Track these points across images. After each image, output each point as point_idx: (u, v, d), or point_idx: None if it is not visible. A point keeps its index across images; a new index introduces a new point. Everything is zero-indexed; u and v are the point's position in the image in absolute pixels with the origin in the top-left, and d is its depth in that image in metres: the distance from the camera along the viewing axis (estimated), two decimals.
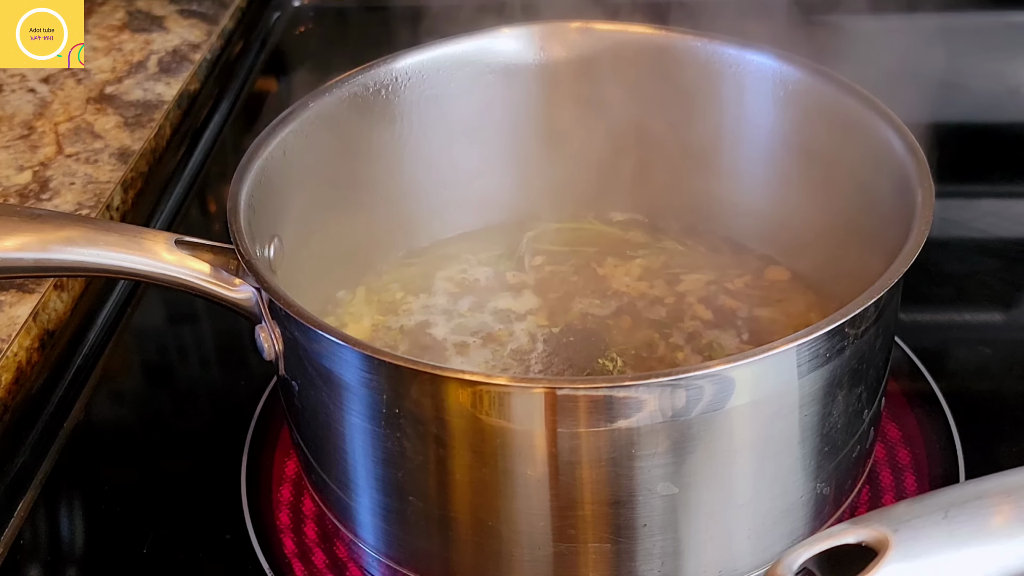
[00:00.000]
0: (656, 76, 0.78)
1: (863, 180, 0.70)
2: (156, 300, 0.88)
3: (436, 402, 0.57)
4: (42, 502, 0.74)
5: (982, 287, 0.87)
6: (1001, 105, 1.07)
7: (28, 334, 0.81)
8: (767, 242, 0.80)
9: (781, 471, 0.61)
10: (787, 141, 0.76)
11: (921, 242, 0.60)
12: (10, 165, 0.96)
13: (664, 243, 0.81)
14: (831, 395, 0.60)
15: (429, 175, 0.80)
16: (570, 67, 0.79)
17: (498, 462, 0.58)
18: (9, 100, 1.03)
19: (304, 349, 0.61)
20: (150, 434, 0.80)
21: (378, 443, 0.61)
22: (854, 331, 0.59)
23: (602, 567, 0.60)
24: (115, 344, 0.85)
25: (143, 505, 0.73)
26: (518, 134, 0.81)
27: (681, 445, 0.57)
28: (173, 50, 1.11)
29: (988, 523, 0.49)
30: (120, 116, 1.02)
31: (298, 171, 0.72)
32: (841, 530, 0.49)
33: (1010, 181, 0.99)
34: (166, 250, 0.65)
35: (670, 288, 0.78)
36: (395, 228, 0.80)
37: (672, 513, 0.59)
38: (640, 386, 0.55)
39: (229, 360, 0.86)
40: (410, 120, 0.78)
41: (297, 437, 0.68)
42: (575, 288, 0.78)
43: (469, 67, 0.78)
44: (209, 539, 0.71)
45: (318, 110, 0.73)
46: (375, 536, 0.65)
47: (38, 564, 0.71)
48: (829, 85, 0.72)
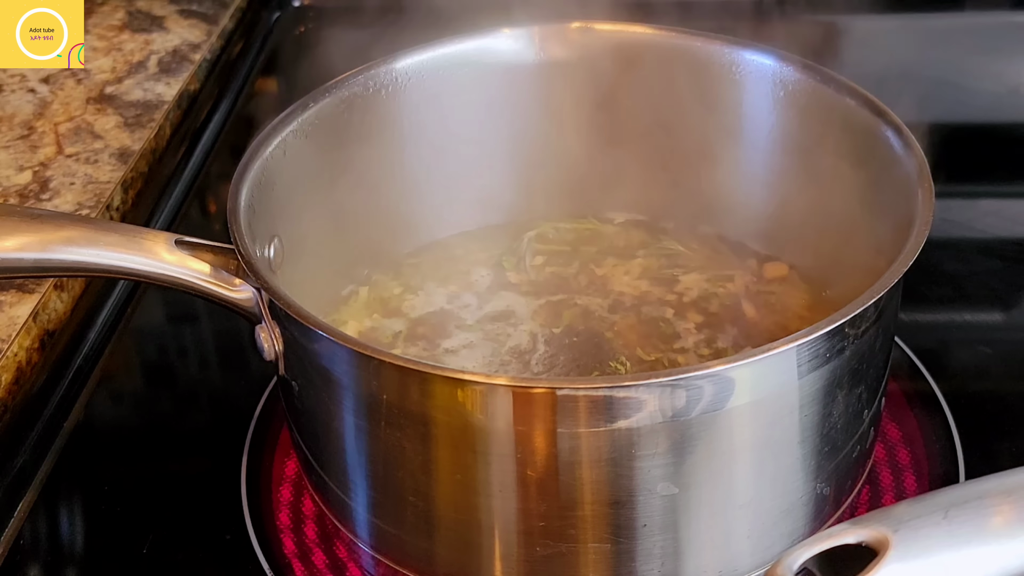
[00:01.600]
0: (656, 76, 0.78)
1: (863, 180, 0.70)
2: (156, 300, 0.88)
3: (436, 402, 0.57)
4: (42, 502, 0.74)
5: (982, 287, 0.87)
6: (1001, 105, 1.07)
7: (28, 334, 0.81)
8: (767, 242, 0.80)
9: (781, 471, 0.61)
10: (787, 141, 0.76)
11: (921, 242, 0.60)
12: (10, 165, 0.96)
13: (664, 243, 0.81)
14: (831, 395, 0.60)
15: (429, 175, 0.80)
16: (570, 67, 0.79)
17: (498, 462, 0.58)
18: (9, 100, 1.03)
19: (304, 349, 0.61)
20: (150, 434, 0.80)
21: (378, 443, 0.61)
22: (854, 331, 0.59)
23: (602, 567, 0.60)
24: (115, 344, 0.85)
25: (143, 505, 0.73)
26: (518, 134, 0.81)
27: (681, 445, 0.57)
28: (173, 50, 1.11)
29: (988, 523, 0.49)
30: (120, 116, 1.02)
31: (298, 171, 0.72)
32: (841, 530, 0.49)
33: (1010, 181, 0.99)
34: (166, 250, 0.65)
35: (670, 288, 0.78)
36: (395, 228, 0.80)
37: (672, 513, 0.59)
38: (640, 386, 0.55)
39: (229, 360, 0.86)
40: (410, 120, 0.78)
41: (297, 437, 0.68)
42: (575, 288, 0.78)
43: (469, 67, 0.78)
44: (209, 539, 0.71)
45: (318, 110, 0.73)
46: (375, 536, 0.65)
47: (38, 564, 0.71)
48: (829, 85, 0.72)
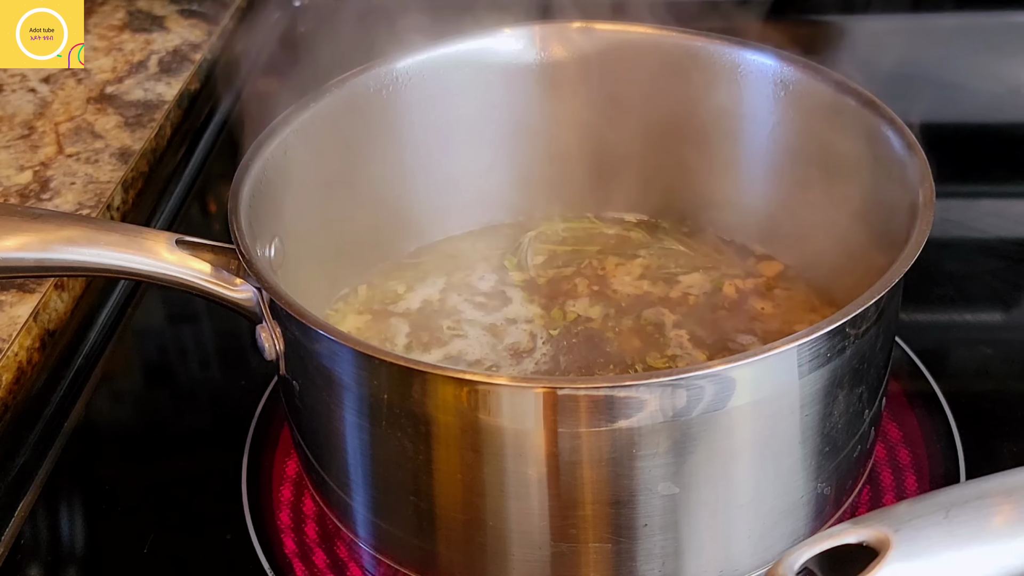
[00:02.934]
0: (656, 76, 0.78)
1: (863, 180, 0.70)
2: (156, 300, 0.88)
3: (437, 402, 0.57)
4: (42, 502, 0.74)
5: (982, 287, 0.87)
6: (1001, 105, 1.07)
7: (28, 334, 0.81)
8: (767, 241, 0.80)
9: (782, 471, 0.61)
10: (787, 141, 0.76)
11: (921, 242, 0.60)
12: (10, 165, 0.95)
13: (664, 243, 0.81)
14: (832, 395, 0.60)
15: (429, 175, 0.80)
16: (570, 67, 0.79)
17: (499, 462, 0.58)
18: (9, 100, 1.03)
19: (305, 349, 0.61)
20: (150, 434, 0.80)
21: (378, 443, 0.61)
22: (855, 331, 0.59)
23: (602, 567, 0.60)
24: (115, 344, 0.85)
25: (143, 505, 0.73)
26: (518, 134, 0.81)
27: (682, 445, 0.57)
28: (173, 50, 1.11)
29: (989, 523, 0.49)
30: (120, 116, 1.02)
31: (298, 171, 0.72)
32: (842, 530, 0.49)
33: (1010, 181, 0.99)
34: (167, 250, 0.65)
35: (670, 288, 0.78)
36: (395, 227, 0.80)
37: (673, 513, 0.59)
38: (641, 386, 0.55)
39: (229, 360, 0.86)
40: (410, 120, 0.78)
41: (297, 437, 0.68)
42: (576, 287, 0.78)
43: (469, 67, 0.78)
44: (209, 539, 0.71)
45: (318, 110, 0.73)
46: (375, 536, 0.65)
47: (38, 564, 0.71)
48: (829, 85, 0.72)
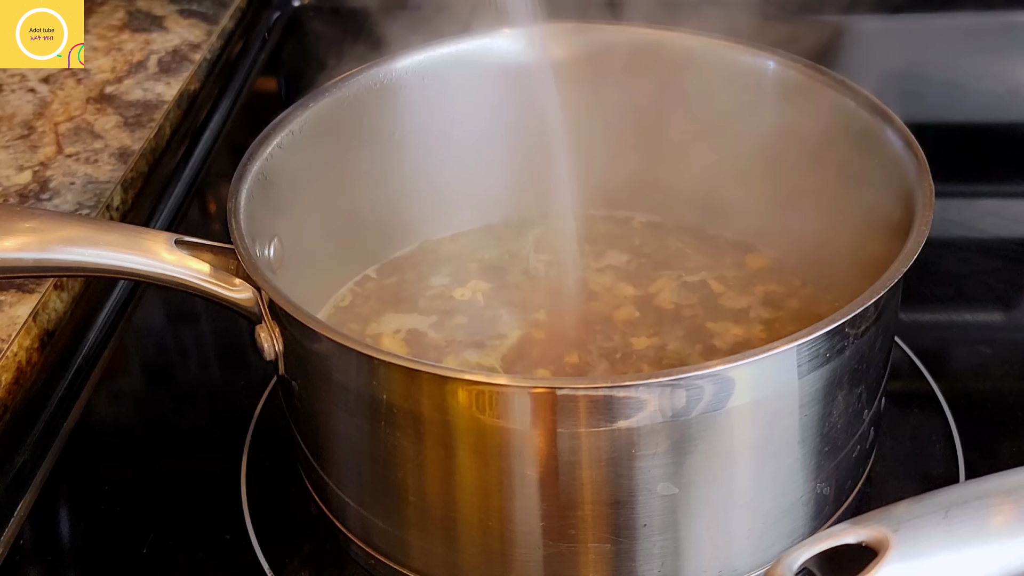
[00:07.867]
0: (656, 76, 0.78)
1: (863, 180, 0.70)
2: (156, 300, 0.88)
3: (436, 402, 0.57)
4: (42, 502, 0.73)
5: (982, 287, 0.87)
6: (1001, 105, 1.07)
7: (28, 334, 0.81)
8: (767, 241, 0.80)
9: (781, 471, 0.61)
10: (787, 141, 0.76)
11: (921, 242, 0.60)
12: (10, 165, 0.95)
13: (666, 242, 0.81)
14: (831, 395, 0.60)
15: (429, 175, 0.80)
16: (570, 67, 0.79)
17: (498, 462, 0.58)
18: (9, 100, 1.03)
19: (304, 349, 0.61)
20: (150, 434, 0.80)
21: (378, 443, 0.61)
22: (854, 331, 0.59)
23: (602, 567, 0.60)
24: (115, 344, 0.85)
25: (143, 505, 0.73)
26: (518, 134, 0.81)
27: (681, 445, 0.57)
28: (173, 50, 1.11)
29: (988, 523, 0.49)
30: (120, 116, 1.02)
31: (298, 171, 0.72)
32: (841, 530, 0.49)
33: (1010, 181, 0.99)
34: (166, 250, 0.65)
35: (671, 286, 0.78)
36: (395, 227, 0.80)
37: (672, 513, 0.59)
38: (640, 386, 0.55)
39: (229, 360, 0.85)
40: (410, 120, 0.78)
41: (297, 437, 0.68)
42: (576, 287, 0.78)
43: (469, 67, 0.78)
44: (209, 539, 0.71)
45: (318, 110, 0.73)
46: (375, 536, 0.65)
47: (38, 564, 0.71)
48: (829, 85, 0.72)
